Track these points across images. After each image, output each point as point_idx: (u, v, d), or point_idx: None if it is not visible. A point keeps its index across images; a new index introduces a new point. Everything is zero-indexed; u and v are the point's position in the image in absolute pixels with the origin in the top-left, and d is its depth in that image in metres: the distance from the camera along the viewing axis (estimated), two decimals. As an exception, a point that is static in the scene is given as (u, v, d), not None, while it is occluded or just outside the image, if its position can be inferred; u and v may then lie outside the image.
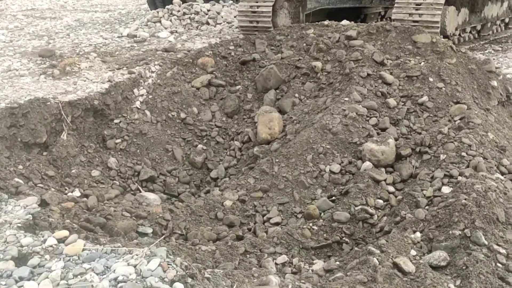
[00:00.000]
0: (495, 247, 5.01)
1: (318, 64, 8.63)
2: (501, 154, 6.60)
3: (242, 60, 9.27)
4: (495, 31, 11.93)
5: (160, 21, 12.97)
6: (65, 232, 4.33)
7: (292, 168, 6.89)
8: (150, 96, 8.49)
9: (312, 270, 5.49)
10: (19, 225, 4.52)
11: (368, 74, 7.96)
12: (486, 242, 5.03)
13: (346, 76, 8.09)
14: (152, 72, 8.89)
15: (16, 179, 6.61)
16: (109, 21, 14.79)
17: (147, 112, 8.30)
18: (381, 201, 6.28)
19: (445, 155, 6.46)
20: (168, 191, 7.53)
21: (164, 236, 5.93)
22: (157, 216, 6.29)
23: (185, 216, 6.41)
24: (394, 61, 8.28)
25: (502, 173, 6.25)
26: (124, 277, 3.58)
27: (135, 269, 3.71)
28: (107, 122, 8.02)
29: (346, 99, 7.59)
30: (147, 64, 9.14)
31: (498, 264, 4.91)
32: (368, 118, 7.35)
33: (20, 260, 3.99)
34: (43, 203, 6.01)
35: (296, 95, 8.39)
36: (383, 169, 6.74)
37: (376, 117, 7.37)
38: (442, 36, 9.25)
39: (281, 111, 8.22)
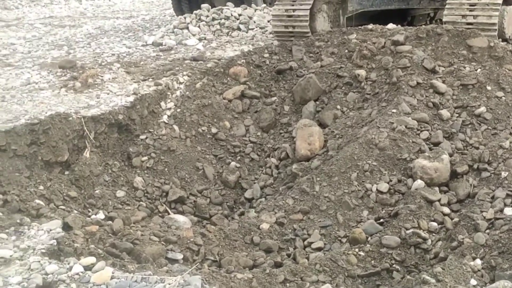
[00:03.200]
0: None
1: (362, 72, 8.63)
2: None
3: (278, 69, 9.33)
4: (559, 32, 11.77)
5: (187, 28, 13.12)
6: (91, 259, 4.41)
7: (335, 188, 6.90)
8: (179, 110, 8.60)
9: (360, 301, 5.48)
10: (43, 251, 4.63)
11: (418, 83, 7.94)
12: (555, 270, 4.95)
13: (394, 85, 8.08)
14: (180, 83, 9.01)
15: (37, 201, 6.74)
16: (132, 28, 15.04)
17: (175, 127, 8.41)
18: (435, 224, 6.24)
19: (507, 173, 6.39)
20: (199, 213, 7.60)
21: (196, 262, 5.98)
22: (188, 241, 6.35)
23: (218, 241, 6.45)
24: (446, 68, 8.24)
25: None
26: (155, 307, 3.64)
27: (168, 299, 3.77)
28: (133, 138, 8.15)
29: (394, 110, 7.58)
30: (174, 75, 9.26)
31: None
32: (418, 132, 7.32)
33: (45, 289, 4.09)
34: (65, 227, 6.13)
35: (338, 106, 8.41)
36: (436, 188, 6.69)
37: (427, 130, 7.34)
38: (500, 40, 9.17)
39: (322, 125, 8.24)
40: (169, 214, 7.48)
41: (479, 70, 8.06)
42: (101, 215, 7.08)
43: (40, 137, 7.30)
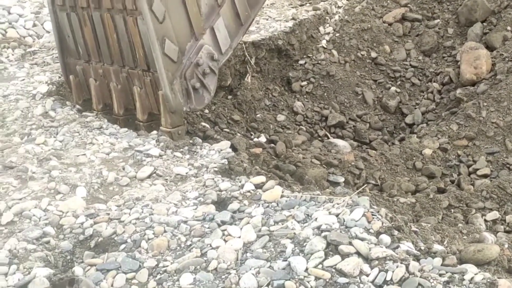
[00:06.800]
0: None
1: (536, -10, 8.04)
2: None
3: (442, -11, 8.91)
4: None
5: (343, -50, 12.81)
6: (261, 178, 4.55)
7: (503, 113, 6.60)
8: (337, 34, 8.52)
9: (530, 230, 5.29)
10: (216, 169, 4.85)
11: None
12: None
13: None
14: (339, 7, 8.88)
15: (203, 123, 7.06)
16: (287, -46, 14.91)
17: (334, 52, 8.35)
18: None
19: None
20: (358, 137, 7.59)
21: (358, 186, 6.02)
22: (349, 165, 6.39)
23: (380, 165, 6.43)
24: None
25: None
26: (327, 226, 3.70)
27: (337, 218, 3.82)
28: (292, 63, 8.21)
29: None
30: (332, -1, 9.15)
31: None
32: None
33: (220, 204, 4.29)
34: (231, 148, 6.38)
35: (508, 27, 7.92)
36: None
37: None
38: None
39: (489, 47, 7.83)
40: (328, 138, 7.54)
41: None
42: (263, 138, 7.28)
43: (205, 62, 7.56)
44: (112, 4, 5.47)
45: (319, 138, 7.59)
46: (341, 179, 6.24)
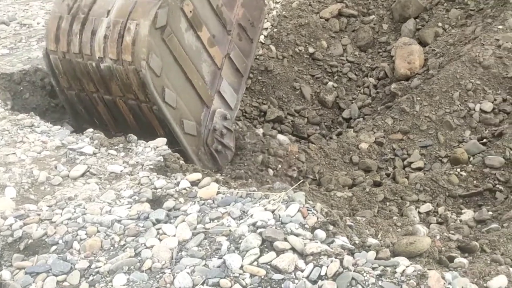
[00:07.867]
0: None
1: (466, -13, 8.21)
2: None
3: (376, -14, 9.00)
4: None
5: None
6: (197, 175, 4.48)
7: (436, 107, 6.71)
8: (275, 30, 8.50)
9: (461, 221, 5.39)
10: (151, 167, 4.75)
11: (527, -3, 7.48)
12: None
13: (500, 0, 7.65)
14: (277, 2, 8.87)
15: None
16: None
17: (272, 47, 8.33)
18: (542, 145, 5.98)
19: None
20: (296, 132, 7.60)
21: (298, 180, 6.02)
22: (293, 156, 6.39)
23: (319, 160, 6.46)
24: (559, -20, 7.70)
25: None
26: (262, 222, 3.67)
27: (273, 214, 3.79)
28: (229, 59, 8.15)
29: (500, 27, 7.21)
30: (270, -6, 9.12)
31: None
32: (527, 49, 6.96)
33: (155, 202, 4.20)
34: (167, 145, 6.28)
35: (440, 24, 8.07)
36: (545, 108, 6.40)
37: (536, 47, 6.95)
38: None
39: (422, 43, 7.96)
40: (267, 133, 7.52)
41: None
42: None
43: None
44: (123, 92, 5.43)
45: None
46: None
